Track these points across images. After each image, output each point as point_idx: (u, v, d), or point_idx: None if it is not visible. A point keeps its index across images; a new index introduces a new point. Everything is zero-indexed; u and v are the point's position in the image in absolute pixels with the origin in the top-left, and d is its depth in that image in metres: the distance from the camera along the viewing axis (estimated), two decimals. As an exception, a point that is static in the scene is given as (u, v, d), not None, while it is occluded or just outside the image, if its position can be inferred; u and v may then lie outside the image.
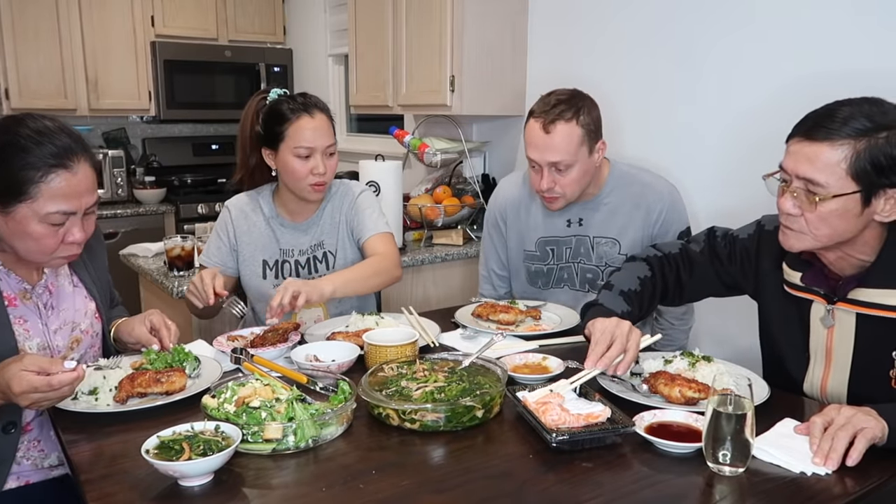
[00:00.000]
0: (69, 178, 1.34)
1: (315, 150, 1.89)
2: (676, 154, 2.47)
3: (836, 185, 1.25)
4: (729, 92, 2.29)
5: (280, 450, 1.19)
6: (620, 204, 2.02)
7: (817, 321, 1.43)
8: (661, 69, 2.49)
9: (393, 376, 1.40)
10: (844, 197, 1.25)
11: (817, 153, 1.26)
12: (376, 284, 1.93)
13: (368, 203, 2.06)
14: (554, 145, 1.86)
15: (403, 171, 2.94)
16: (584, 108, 1.88)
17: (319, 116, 1.92)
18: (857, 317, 1.36)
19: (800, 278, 1.43)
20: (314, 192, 1.94)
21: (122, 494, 1.07)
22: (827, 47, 2.03)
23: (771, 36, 2.16)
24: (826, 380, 1.44)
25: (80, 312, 1.57)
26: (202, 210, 4.27)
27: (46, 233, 1.36)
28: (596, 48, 2.71)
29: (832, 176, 1.25)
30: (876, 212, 1.27)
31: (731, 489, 1.10)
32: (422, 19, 2.99)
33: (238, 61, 4.53)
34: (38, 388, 1.19)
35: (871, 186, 1.24)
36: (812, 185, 1.27)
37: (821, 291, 1.40)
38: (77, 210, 1.37)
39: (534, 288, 2.15)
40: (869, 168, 1.22)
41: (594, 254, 2.06)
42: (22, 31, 3.88)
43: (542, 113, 1.88)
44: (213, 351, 1.65)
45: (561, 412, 1.23)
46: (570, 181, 1.91)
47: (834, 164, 1.24)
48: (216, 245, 2.04)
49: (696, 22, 2.36)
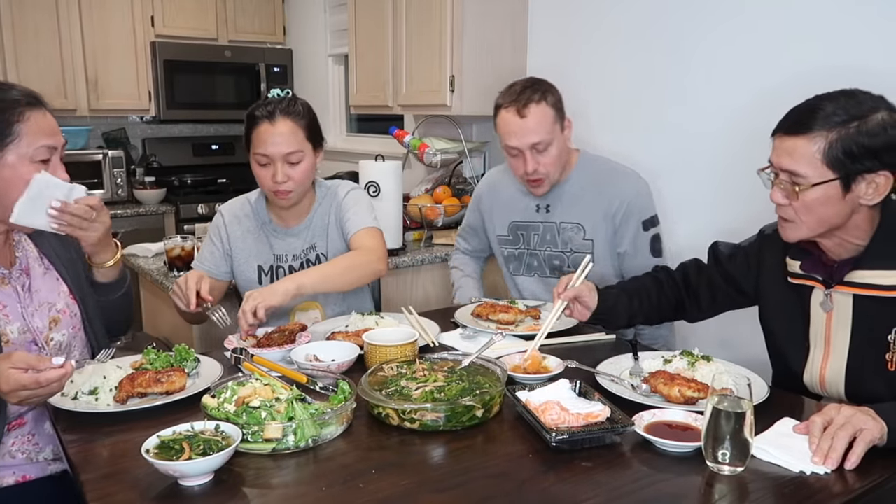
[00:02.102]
0: (44, 115, 1.44)
1: (273, 158, 1.85)
2: (676, 150, 2.48)
3: (814, 175, 1.33)
4: (726, 87, 2.30)
5: (280, 449, 1.19)
6: (584, 189, 2.09)
7: (817, 307, 1.47)
8: (661, 68, 2.49)
9: (393, 376, 1.40)
10: (824, 185, 1.32)
11: (795, 146, 1.34)
12: (354, 279, 1.86)
13: (355, 200, 2.03)
14: (531, 127, 1.95)
15: (403, 171, 2.93)
16: (549, 90, 1.99)
17: (283, 123, 1.85)
18: (854, 299, 1.41)
19: (799, 266, 1.48)
20: (278, 199, 1.91)
21: (122, 494, 1.07)
22: (829, 41, 2.03)
23: (765, 29, 2.17)
24: (825, 368, 1.47)
25: (54, 293, 1.57)
26: (202, 210, 4.27)
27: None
28: (596, 48, 2.71)
29: (809, 166, 1.32)
30: (860, 196, 1.33)
31: (730, 488, 1.10)
32: (421, 19, 2.99)
33: (238, 61, 4.53)
34: (26, 385, 1.20)
35: (848, 173, 1.31)
36: (794, 176, 1.35)
37: (819, 277, 1.45)
38: (57, 145, 1.46)
39: (509, 274, 2.25)
40: (842, 156, 1.30)
41: (559, 239, 2.12)
42: (22, 31, 3.88)
43: (511, 101, 1.97)
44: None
45: (560, 412, 1.24)
46: (550, 160, 2.01)
47: (810, 155, 1.32)
48: (209, 250, 2.02)
49: (697, 22, 2.37)
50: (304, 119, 1.90)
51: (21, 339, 1.48)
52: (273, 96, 1.91)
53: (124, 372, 1.44)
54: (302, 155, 1.88)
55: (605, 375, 1.48)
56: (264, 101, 1.90)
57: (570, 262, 2.10)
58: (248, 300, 1.66)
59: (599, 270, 2.06)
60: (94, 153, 4.20)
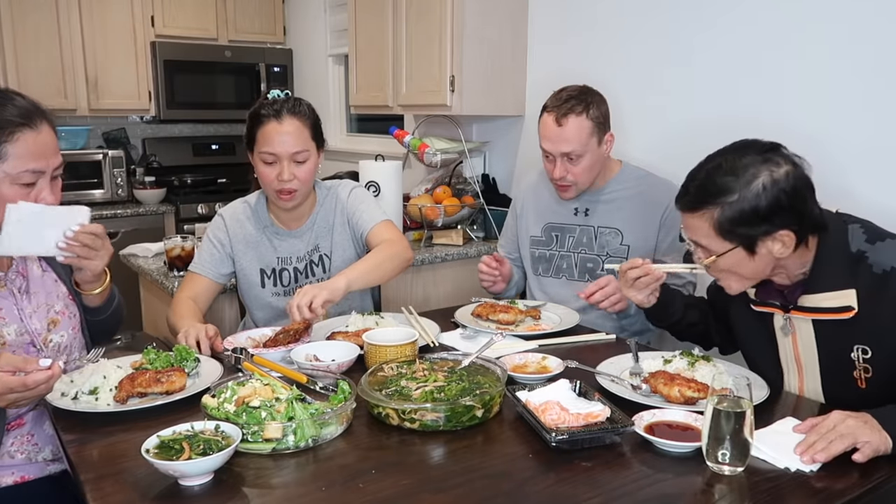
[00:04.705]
0: (34, 137, 1.38)
1: (279, 157, 1.86)
2: (677, 150, 2.47)
3: (716, 246, 1.36)
4: (731, 89, 2.29)
5: (280, 449, 1.19)
6: (627, 197, 2.14)
7: (780, 331, 1.48)
8: (662, 67, 2.49)
9: (393, 376, 1.40)
10: (728, 253, 1.35)
11: (691, 222, 1.38)
12: (392, 269, 1.88)
13: (361, 198, 2.05)
14: (566, 137, 2.01)
15: (403, 171, 2.94)
16: (594, 103, 2.04)
17: (290, 122, 1.87)
18: (814, 323, 1.41)
19: (755, 294, 1.49)
20: (281, 199, 1.91)
21: (122, 494, 1.07)
22: (833, 42, 2.03)
23: (768, 31, 2.16)
24: (802, 389, 1.48)
25: (53, 294, 1.57)
26: (202, 210, 4.27)
27: (18, 195, 1.37)
28: (596, 48, 2.71)
29: (708, 239, 1.36)
30: (772, 252, 1.33)
31: (730, 488, 1.10)
32: (422, 19, 2.99)
33: (238, 61, 4.53)
34: (13, 388, 1.19)
35: (748, 239, 1.32)
36: (701, 248, 1.38)
37: (776, 303, 1.46)
38: (45, 170, 1.40)
39: (535, 276, 2.25)
40: (732, 227, 1.32)
41: (596, 243, 2.16)
42: (22, 31, 3.88)
43: (554, 107, 2.03)
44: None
45: (560, 412, 1.24)
46: (580, 170, 2.06)
47: (706, 230, 1.35)
48: (209, 252, 2.00)
49: (698, 21, 2.36)
50: (309, 119, 1.92)
51: (19, 342, 1.47)
52: (273, 97, 1.92)
53: (124, 372, 1.44)
54: (308, 154, 1.90)
55: (605, 375, 1.48)
56: (268, 100, 1.91)
57: (603, 266, 2.13)
58: (303, 294, 1.65)
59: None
60: (94, 153, 4.20)
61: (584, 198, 2.16)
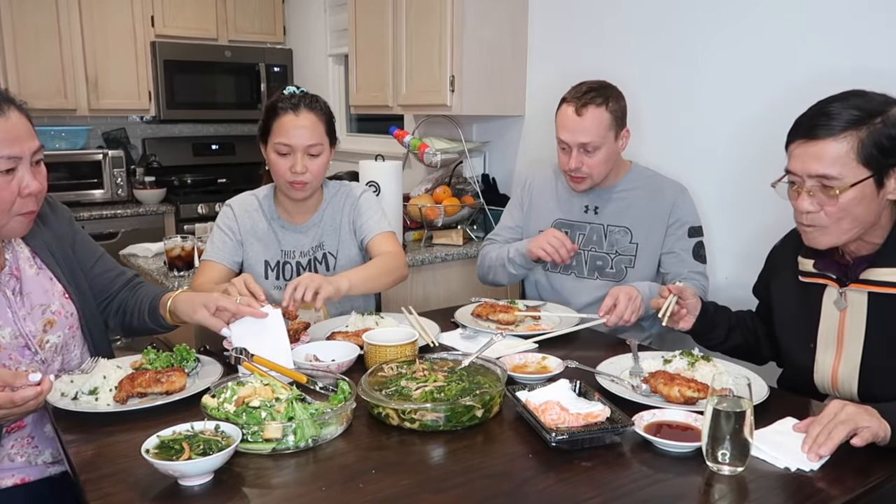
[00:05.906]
0: (3, 123, 1.34)
1: (294, 149, 1.88)
2: (679, 152, 2.47)
3: (850, 175, 1.31)
4: (734, 90, 2.29)
5: (280, 449, 1.19)
6: (637, 196, 2.15)
7: (830, 305, 1.46)
8: (662, 68, 2.49)
9: (393, 376, 1.40)
10: (861, 184, 1.31)
11: (823, 150, 1.32)
12: (388, 282, 1.94)
13: (370, 204, 2.07)
14: (584, 127, 2.00)
15: (403, 171, 2.94)
16: (613, 97, 2.04)
17: (306, 115, 1.90)
18: (870, 296, 1.40)
19: (812, 265, 1.48)
20: (293, 191, 1.93)
21: (122, 494, 1.07)
22: (837, 44, 2.03)
23: (771, 31, 2.16)
24: (837, 368, 1.46)
25: (48, 294, 1.55)
26: (202, 210, 4.27)
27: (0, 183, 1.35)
28: (596, 48, 2.71)
29: (845, 167, 1.31)
30: (889, 192, 1.33)
31: (730, 488, 1.10)
32: (422, 19, 2.99)
33: (238, 61, 4.53)
34: (1, 405, 1.19)
35: (881, 168, 1.31)
36: (827, 179, 1.33)
37: (833, 276, 1.45)
38: (21, 154, 1.37)
39: (543, 271, 2.24)
40: (875, 152, 1.30)
41: (606, 241, 2.16)
42: (22, 31, 3.88)
43: (574, 98, 2.03)
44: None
45: (560, 412, 1.24)
46: (596, 162, 2.04)
47: (843, 155, 1.31)
48: (221, 240, 2.01)
49: (698, 20, 2.36)
50: (324, 115, 1.95)
51: (14, 344, 1.46)
52: (290, 92, 1.94)
53: (124, 372, 1.44)
54: (321, 148, 1.92)
55: (605, 375, 1.48)
56: (285, 94, 1.93)
57: (613, 264, 2.14)
58: (309, 280, 1.65)
59: (641, 273, 2.11)
60: (94, 153, 4.20)
61: (594, 195, 2.16)
